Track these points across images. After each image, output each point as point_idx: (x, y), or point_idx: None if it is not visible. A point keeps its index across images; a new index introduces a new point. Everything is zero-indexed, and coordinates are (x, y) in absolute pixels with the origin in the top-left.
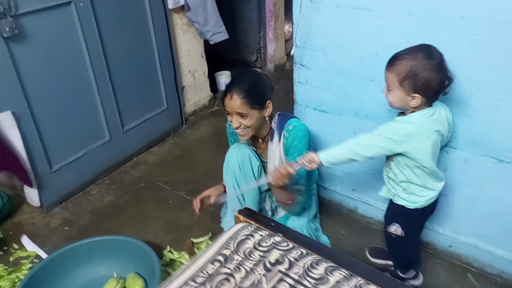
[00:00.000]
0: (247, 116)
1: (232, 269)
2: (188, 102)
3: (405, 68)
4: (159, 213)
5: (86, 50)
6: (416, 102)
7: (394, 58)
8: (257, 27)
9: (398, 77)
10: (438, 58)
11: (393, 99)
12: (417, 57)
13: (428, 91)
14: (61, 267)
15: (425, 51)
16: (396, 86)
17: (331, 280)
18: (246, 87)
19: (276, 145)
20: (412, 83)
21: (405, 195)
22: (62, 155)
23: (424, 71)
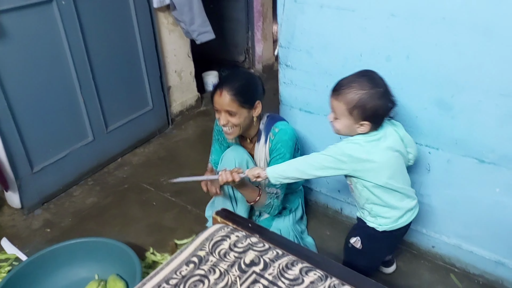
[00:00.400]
0: (235, 114)
1: (206, 271)
2: (174, 102)
3: (354, 98)
4: (142, 215)
5: (68, 49)
6: (364, 129)
7: (340, 86)
8: (245, 27)
9: (347, 106)
10: (383, 85)
11: (340, 127)
12: (364, 86)
13: (376, 118)
14: (40, 269)
15: (371, 79)
16: (345, 114)
17: (305, 281)
18: (237, 85)
19: (262, 147)
20: (361, 112)
21: (371, 218)
22: (44, 156)
23: (373, 100)
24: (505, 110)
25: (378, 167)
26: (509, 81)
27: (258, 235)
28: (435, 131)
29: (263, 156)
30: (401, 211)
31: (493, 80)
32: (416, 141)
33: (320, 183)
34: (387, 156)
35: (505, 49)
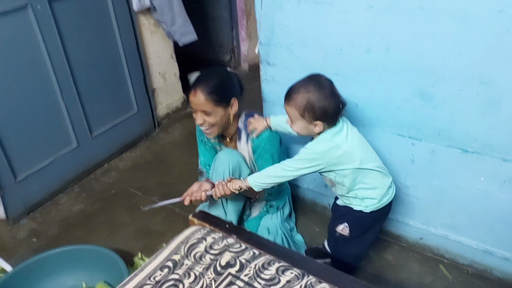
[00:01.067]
0: (211, 114)
1: (181, 275)
2: (160, 104)
3: (302, 101)
4: (130, 220)
5: (47, 54)
6: (319, 128)
7: (290, 92)
8: (229, 26)
9: (298, 110)
10: (328, 86)
11: (298, 129)
12: (309, 89)
13: (327, 117)
14: (26, 280)
15: (316, 81)
16: (298, 117)
17: (282, 280)
18: (211, 84)
19: (245, 145)
20: (311, 113)
21: (358, 201)
22: (27, 164)
23: (321, 101)
24: (485, 98)
25: (349, 152)
26: (489, 68)
27: (235, 236)
28: (418, 122)
29: (247, 155)
30: (383, 189)
31: (473, 68)
32: (399, 133)
33: (307, 179)
34: (353, 140)
35: (483, 36)
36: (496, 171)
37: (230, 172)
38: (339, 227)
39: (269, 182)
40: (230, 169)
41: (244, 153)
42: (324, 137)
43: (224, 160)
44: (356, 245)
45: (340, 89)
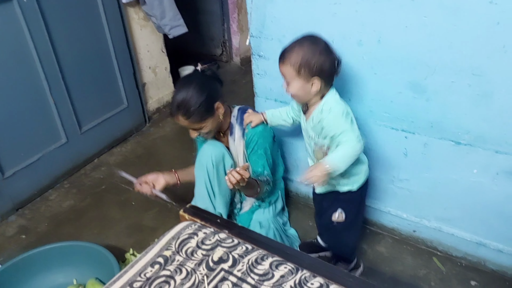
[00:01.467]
0: (201, 128)
1: (172, 271)
2: (150, 99)
3: (298, 58)
4: (121, 216)
5: (34, 49)
6: (316, 85)
7: (284, 52)
8: (221, 20)
9: (294, 67)
10: (322, 42)
11: (295, 90)
12: (304, 45)
13: (324, 73)
14: (15, 277)
15: (310, 39)
16: (294, 76)
17: (275, 275)
18: (188, 107)
19: (239, 141)
20: (308, 69)
21: (345, 181)
22: (15, 160)
23: (315, 56)
24: (478, 90)
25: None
26: (481, 60)
27: (227, 231)
28: (410, 115)
29: (241, 150)
30: (365, 163)
31: (465, 60)
32: (392, 126)
33: (300, 174)
34: None
35: (475, 28)
36: (489, 163)
37: (214, 163)
38: (335, 215)
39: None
40: (213, 160)
41: (239, 148)
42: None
43: (207, 152)
44: (354, 228)
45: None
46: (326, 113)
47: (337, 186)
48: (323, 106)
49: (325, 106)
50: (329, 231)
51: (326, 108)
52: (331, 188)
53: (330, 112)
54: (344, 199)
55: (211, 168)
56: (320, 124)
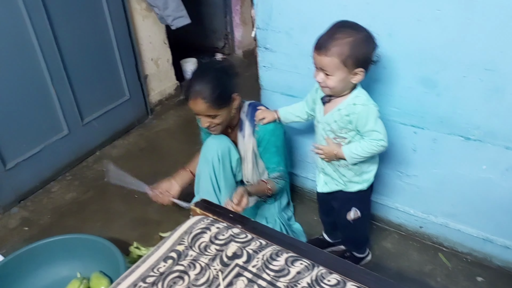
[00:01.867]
0: (215, 116)
1: (186, 266)
2: (152, 91)
3: (344, 48)
4: (125, 209)
5: (35, 39)
6: (359, 77)
7: (323, 41)
8: (223, 12)
9: (339, 58)
10: (364, 30)
11: (335, 83)
12: (348, 33)
13: (367, 63)
14: (18, 269)
15: (351, 27)
16: (339, 67)
17: (291, 271)
18: (209, 91)
19: (249, 138)
20: (354, 59)
21: (357, 178)
22: (17, 152)
23: (362, 45)
24: (490, 85)
25: None
26: (494, 55)
27: (240, 226)
28: (420, 110)
29: (250, 147)
30: (377, 163)
31: (477, 55)
32: (402, 122)
33: (306, 168)
34: None
35: (488, 22)
36: (498, 159)
37: (220, 158)
38: (350, 214)
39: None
40: (219, 155)
41: (248, 145)
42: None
43: (213, 146)
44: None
45: None
46: (361, 107)
47: (348, 185)
48: (356, 100)
49: (358, 100)
50: (346, 228)
51: (360, 101)
52: (340, 187)
53: (365, 107)
54: (356, 198)
55: (217, 163)
56: (349, 117)
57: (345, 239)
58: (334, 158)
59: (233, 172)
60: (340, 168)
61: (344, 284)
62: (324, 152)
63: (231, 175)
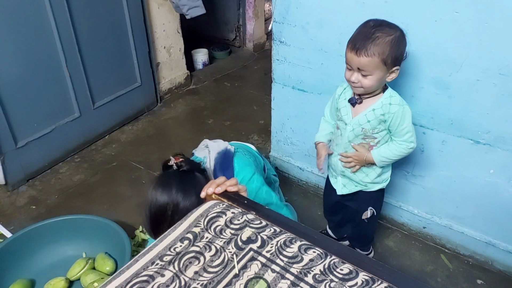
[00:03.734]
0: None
1: (202, 247)
2: (163, 79)
3: (386, 46)
4: (132, 193)
5: (53, 21)
6: (395, 74)
7: (363, 41)
8: (236, 4)
9: (380, 57)
10: (398, 28)
11: (372, 83)
12: (387, 32)
13: (401, 61)
14: (26, 246)
15: (386, 25)
16: (379, 67)
17: (305, 259)
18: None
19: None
20: (394, 58)
21: (378, 179)
22: (28, 131)
23: (400, 43)
24: (503, 90)
25: None
26: (509, 60)
27: (254, 212)
28: (431, 111)
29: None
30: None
31: (493, 59)
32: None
33: (312, 163)
34: None
35: (506, 27)
36: (507, 164)
37: None
38: (366, 213)
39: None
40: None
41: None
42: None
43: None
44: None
45: None
46: (397, 107)
47: (368, 186)
48: (391, 100)
49: (394, 100)
50: (358, 226)
51: (395, 101)
52: (360, 188)
53: (401, 107)
54: (375, 197)
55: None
56: (384, 117)
57: (353, 236)
58: (364, 164)
59: None
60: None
61: (356, 274)
62: (354, 159)
63: None
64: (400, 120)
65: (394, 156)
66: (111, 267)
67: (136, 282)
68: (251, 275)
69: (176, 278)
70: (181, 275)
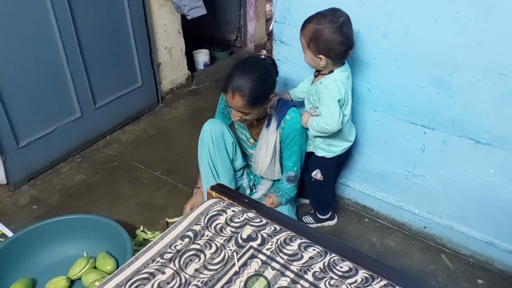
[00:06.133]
0: (248, 114)
1: (202, 245)
2: (164, 79)
3: (310, 32)
4: (132, 193)
5: (55, 20)
6: (323, 63)
7: (305, 21)
8: (237, 5)
9: (305, 40)
10: (340, 22)
11: (307, 59)
12: (321, 21)
13: (331, 53)
14: (27, 246)
15: (331, 15)
16: (306, 47)
17: (305, 256)
18: (250, 90)
19: (273, 132)
20: (315, 45)
21: (323, 146)
22: (30, 131)
23: (324, 34)
24: (503, 89)
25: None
26: (509, 60)
27: (254, 211)
28: (431, 111)
29: (273, 141)
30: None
31: (493, 59)
32: (412, 121)
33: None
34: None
35: (506, 26)
36: (507, 164)
37: (214, 141)
38: (313, 173)
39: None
40: (213, 138)
41: (271, 138)
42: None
43: (207, 130)
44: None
45: (354, 73)
46: (323, 87)
47: (315, 150)
48: (324, 80)
49: (325, 81)
50: (311, 186)
51: (326, 83)
52: (312, 149)
53: (326, 88)
54: (322, 162)
55: (211, 146)
56: (317, 93)
57: (310, 198)
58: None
59: (229, 156)
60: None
61: (356, 272)
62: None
63: (227, 159)
64: (321, 99)
65: (315, 128)
66: (112, 267)
67: (137, 279)
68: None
69: (176, 275)
70: (181, 272)
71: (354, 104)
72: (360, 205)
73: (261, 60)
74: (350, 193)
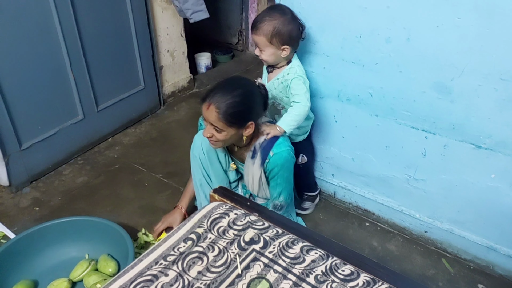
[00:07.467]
0: (221, 131)
1: (205, 248)
2: (166, 82)
3: (269, 28)
4: (134, 195)
5: (58, 23)
6: (286, 52)
7: (255, 23)
8: (239, 8)
9: (266, 37)
10: (289, 12)
11: (267, 57)
12: (274, 16)
13: (292, 41)
14: (29, 247)
15: (279, 10)
16: (267, 45)
17: (306, 260)
18: (227, 104)
19: (258, 168)
20: (279, 38)
21: (298, 131)
22: (33, 133)
23: (285, 26)
24: (504, 95)
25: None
26: (510, 65)
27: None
28: (433, 115)
29: (258, 174)
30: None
31: (494, 64)
32: (413, 126)
33: (314, 167)
34: None
35: (507, 33)
36: (508, 169)
37: (204, 151)
38: (299, 159)
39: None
40: (203, 148)
41: (256, 172)
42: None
43: (197, 142)
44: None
45: (356, 78)
46: (292, 75)
47: (294, 138)
48: (290, 70)
49: (292, 70)
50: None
51: (293, 71)
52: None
53: (296, 75)
54: (301, 147)
55: (203, 157)
56: (284, 84)
57: (301, 183)
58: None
59: (222, 167)
60: None
61: (357, 275)
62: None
63: (221, 169)
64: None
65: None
66: (113, 269)
67: (140, 281)
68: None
69: (179, 277)
70: (184, 274)
71: (355, 109)
72: (361, 209)
73: (251, 84)
74: (351, 197)
